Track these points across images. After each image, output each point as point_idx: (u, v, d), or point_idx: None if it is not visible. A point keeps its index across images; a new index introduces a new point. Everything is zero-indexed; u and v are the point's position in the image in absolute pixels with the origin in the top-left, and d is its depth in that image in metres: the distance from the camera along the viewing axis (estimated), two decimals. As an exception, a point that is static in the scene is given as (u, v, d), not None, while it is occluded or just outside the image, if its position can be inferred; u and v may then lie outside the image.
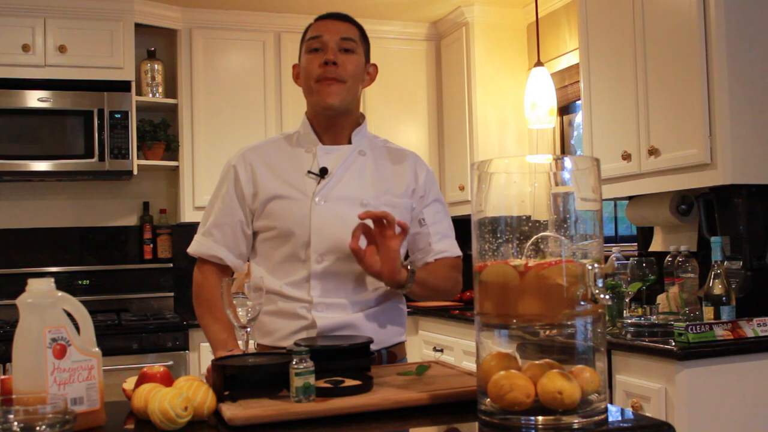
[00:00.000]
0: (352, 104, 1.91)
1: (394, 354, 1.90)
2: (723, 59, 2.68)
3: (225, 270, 1.93)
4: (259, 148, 1.97)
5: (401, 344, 1.95)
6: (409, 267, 1.78)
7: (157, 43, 4.34)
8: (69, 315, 1.31)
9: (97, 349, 1.33)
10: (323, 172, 1.86)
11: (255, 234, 1.93)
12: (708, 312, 2.65)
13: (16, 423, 1.12)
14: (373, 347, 1.81)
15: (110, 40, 4.00)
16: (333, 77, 1.83)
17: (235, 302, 1.57)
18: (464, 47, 4.38)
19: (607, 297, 1.26)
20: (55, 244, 4.26)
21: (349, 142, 1.93)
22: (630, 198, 3.34)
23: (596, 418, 1.21)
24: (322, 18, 1.92)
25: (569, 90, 4.08)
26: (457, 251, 1.98)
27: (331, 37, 1.85)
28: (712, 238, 2.73)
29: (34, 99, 3.88)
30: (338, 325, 1.81)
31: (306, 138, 1.92)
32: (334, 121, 1.90)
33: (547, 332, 1.25)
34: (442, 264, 1.94)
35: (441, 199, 2.03)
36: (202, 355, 3.81)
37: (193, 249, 1.96)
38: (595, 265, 1.23)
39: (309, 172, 1.87)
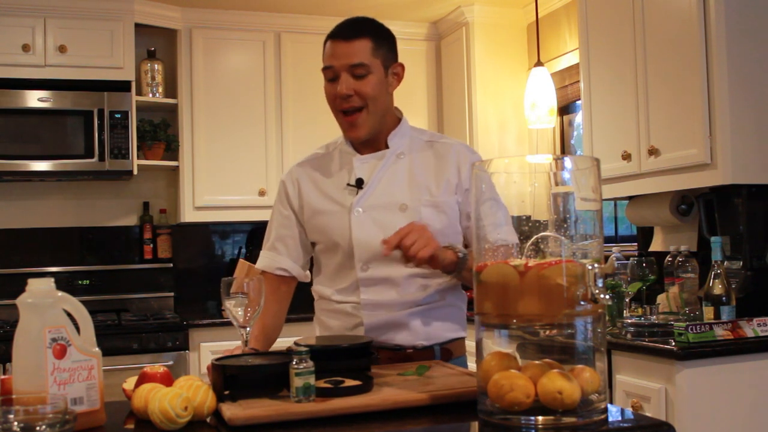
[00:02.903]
0: (381, 119, 1.90)
1: (449, 351, 1.90)
2: (723, 59, 2.68)
3: (286, 280, 1.98)
4: (305, 163, 2.02)
5: (458, 341, 1.95)
6: (459, 253, 1.72)
7: (157, 43, 4.34)
8: (69, 315, 1.31)
9: (97, 349, 1.33)
10: (359, 183, 1.88)
11: (313, 244, 1.99)
12: (708, 312, 2.65)
13: (16, 423, 1.12)
14: (424, 343, 1.86)
15: (110, 40, 4.00)
16: (351, 107, 1.84)
17: (234, 302, 1.58)
18: (464, 47, 4.38)
19: (607, 297, 1.26)
20: (55, 244, 4.25)
21: (387, 147, 1.92)
22: (630, 198, 3.34)
23: (596, 418, 1.21)
24: (332, 37, 1.87)
25: (569, 90, 4.08)
26: (514, 239, 1.94)
27: (340, 65, 1.83)
28: (712, 238, 2.73)
29: (34, 99, 3.88)
30: (384, 322, 1.84)
31: (344, 149, 1.95)
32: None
33: (547, 332, 1.25)
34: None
35: (495, 197, 1.98)
36: (202, 355, 3.81)
37: (260, 264, 2.00)
38: (595, 265, 1.23)
39: (348, 184, 1.90)
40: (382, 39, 1.90)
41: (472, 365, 1.60)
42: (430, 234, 1.65)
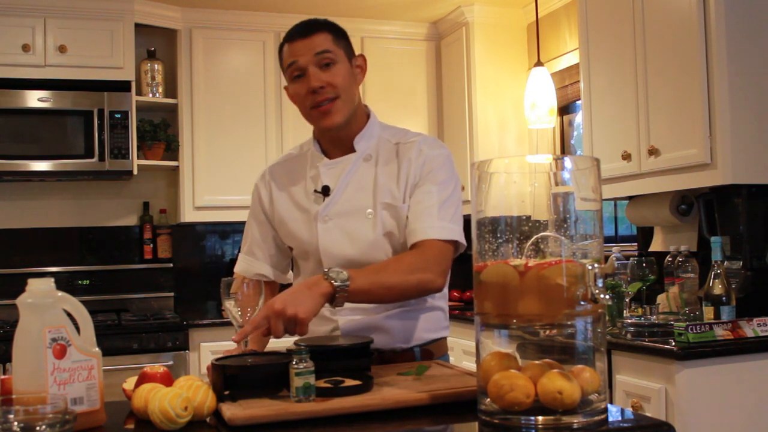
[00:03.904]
0: (353, 112, 1.85)
1: (430, 351, 1.88)
2: (723, 59, 2.68)
3: (267, 284, 1.95)
4: (278, 166, 1.99)
5: (439, 341, 1.92)
6: (335, 282, 1.57)
7: (157, 43, 4.34)
8: (69, 315, 1.31)
9: (97, 349, 1.33)
10: (325, 191, 1.85)
11: (290, 248, 1.97)
12: (708, 312, 2.65)
13: (16, 423, 1.12)
14: (403, 345, 1.84)
15: (110, 40, 4.00)
16: (324, 99, 1.79)
17: (234, 302, 1.58)
18: (464, 47, 4.38)
19: (607, 297, 1.26)
20: (55, 244, 4.25)
21: (354, 149, 1.88)
22: (630, 198, 3.34)
23: (596, 418, 1.21)
24: (289, 39, 1.83)
25: (569, 90, 4.08)
26: (430, 233, 1.74)
27: (305, 58, 1.78)
28: (712, 238, 2.73)
29: (34, 99, 3.88)
30: (361, 326, 1.81)
31: (314, 154, 1.92)
32: (339, 134, 1.87)
33: (547, 332, 1.25)
34: (405, 255, 1.75)
35: (441, 181, 1.81)
36: (202, 355, 3.81)
37: (238, 269, 1.99)
38: (595, 265, 1.23)
39: (315, 191, 1.87)
40: (340, 34, 1.86)
41: (470, 365, 1.60)
42: (291, 310, 1.50)
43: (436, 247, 1.73)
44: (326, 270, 1.60)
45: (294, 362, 1.34)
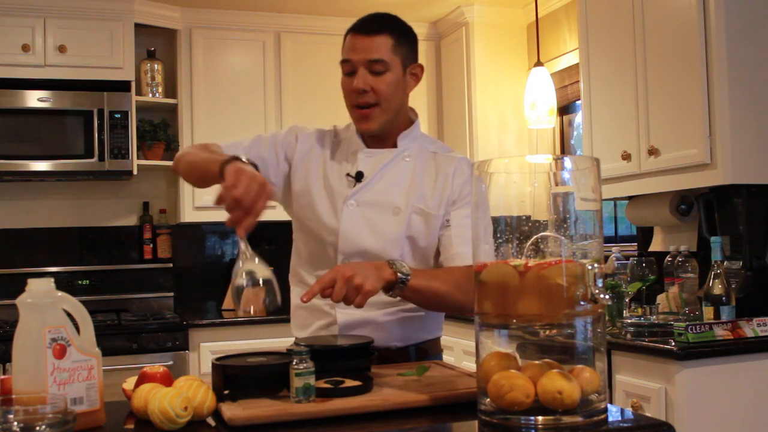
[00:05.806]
0: (394, 117, 1.87)
1: (424, 350, 1.89)
2: (723, 59, 2.68)
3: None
4: (324, 137, 1.94)
5: (433, 341, 1.93)
6: (398, 274, 1.63)
7: (157, 43, 4.34)
8: (69, 315, 1.31)
9: (97, 349, 1.33)
10: (359, 176, 1.84)
11: (293, 223, 1.93)
12: (708, 312, 2.66)
13: (16, 423, 1.12)
14: (399, 344, 1.84)
15: (110, 40, 4.00)
16: (365, 103, 1.81)
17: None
18: (464, 47, 4.38)
19: (607, 297, 1.26)
20: (55, 244, 4.25)
21: (395, 146, 1.89)
22: (630, 198, 3.34)
23: (596, 418, 1.21)
24: (353, 30, 1.83)
25: (569, 90, 4.08)
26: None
27: (359, 59, 1.80)
28: (712, 238, 2.73)
29: (34, 99, 3.88)
30: (359, 321, 1.81)
31: (352, 139, 1.91)
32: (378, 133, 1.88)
33: (547, 332, 1.25)
34: (455, 270, 1.79)
35: (480, 205, 1.90)
36: (202, 355, 3.81)
37: (230, 152, 1.81)
38: (595, 265, 1.23)
39: (347, 174, 1.86)
40: (404, 37, 1.87)
41: (470, 365, 1.60)
42: (359, 279, 1.54)
43: None
44: (390, 260, 1.64)
45: (294, 363, 1.34)
